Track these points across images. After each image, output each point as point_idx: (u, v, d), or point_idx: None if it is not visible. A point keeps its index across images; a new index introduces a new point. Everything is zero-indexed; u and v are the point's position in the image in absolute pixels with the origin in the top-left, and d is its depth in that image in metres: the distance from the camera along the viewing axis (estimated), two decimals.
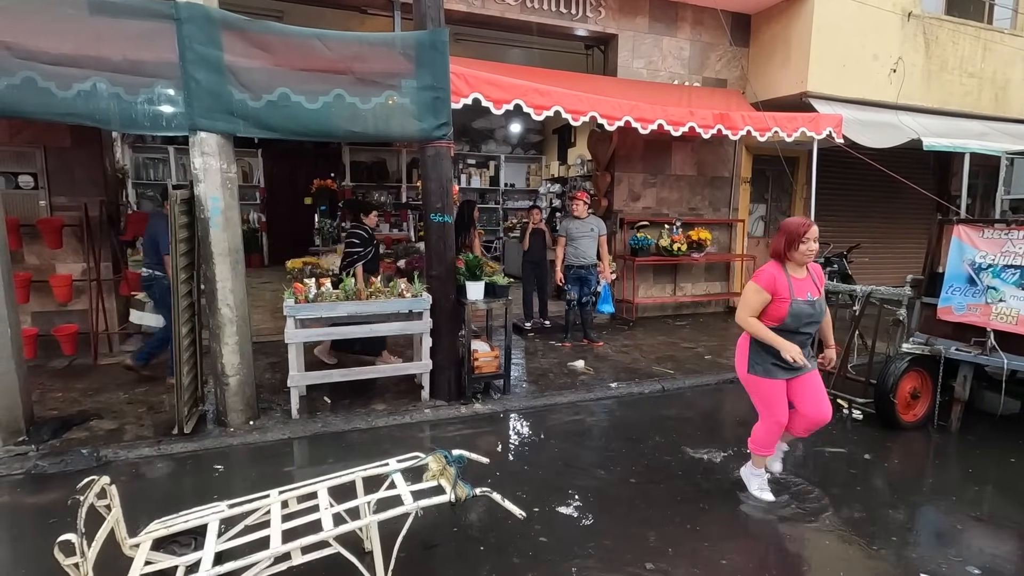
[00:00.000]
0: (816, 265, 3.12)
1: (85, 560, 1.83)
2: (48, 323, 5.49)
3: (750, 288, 3.04)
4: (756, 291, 3.00)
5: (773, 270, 3.00)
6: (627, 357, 6.12)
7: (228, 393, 4.11)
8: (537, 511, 3.11)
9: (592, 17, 7.22)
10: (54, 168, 5.47)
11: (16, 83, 3.36)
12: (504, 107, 5.13)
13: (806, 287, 3.00)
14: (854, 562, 2.76)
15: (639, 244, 7.68)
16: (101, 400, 4.60)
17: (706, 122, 6.13)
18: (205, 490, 3.34)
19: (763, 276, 3.02)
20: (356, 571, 2.19)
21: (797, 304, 2.93)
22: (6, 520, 3.12)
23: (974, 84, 8.54)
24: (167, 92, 3.68)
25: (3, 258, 3.73)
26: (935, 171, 9.86)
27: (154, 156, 10.02)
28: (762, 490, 3.31)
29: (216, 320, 4.02)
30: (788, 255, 2.99)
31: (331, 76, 4.06)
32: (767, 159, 8.62)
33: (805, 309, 2.94)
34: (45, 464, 3.56)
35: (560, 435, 4.26)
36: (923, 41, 8.01)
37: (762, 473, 3.36)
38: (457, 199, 5.51)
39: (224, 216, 3.94)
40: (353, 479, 2.55)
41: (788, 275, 2.98)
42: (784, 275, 2.97)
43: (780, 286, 2.95)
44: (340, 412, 4.46)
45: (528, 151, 12.63)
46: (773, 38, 7.80)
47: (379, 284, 4.62)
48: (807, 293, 2.98)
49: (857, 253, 8.56)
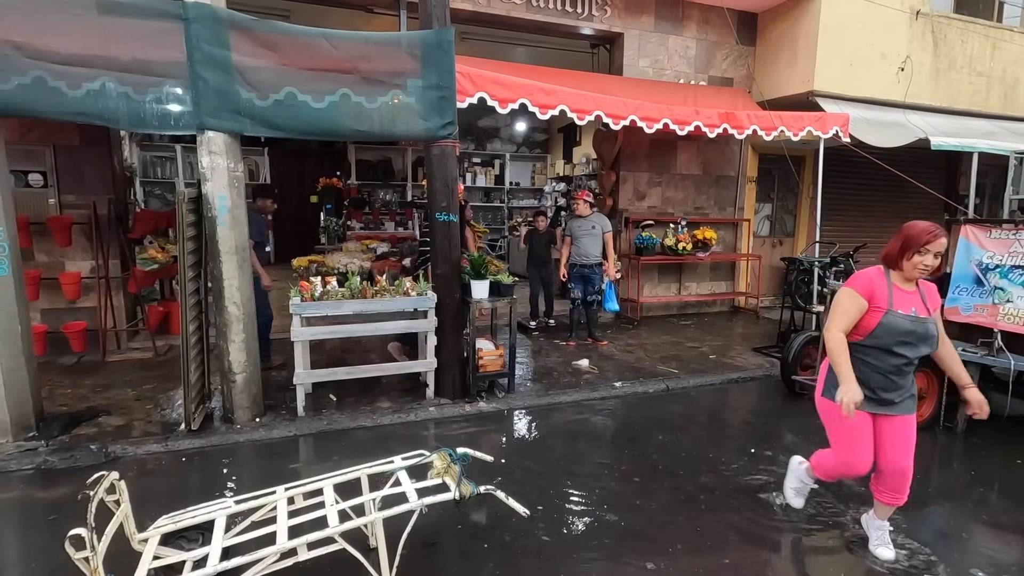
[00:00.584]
0: (930, 284, 2.63)
1: (95, 554, 1.86)
2: (57, 320, 5.55)
3: (844, 294, 2.58)
4: (851, 297, 2.54)
5: (873, 274, 2.58)
6: (631, 356, 6.12)
7: (235, 390, 4.14)
8: (541, 509, 3.13)
9: (598, 16, 7.21)
10: (63, 167, 5.52)
11: (27, 82, 3.40)
12: (509, 106, 5.13)
13: (910, 301, 2.53)
14: (855, 563, 2.76)
15: (644, 243, 7.67)
16: (109, 396, 4.65)
17: (712, 121, 6.11)
18: (212, 486, 3.38)
19: (860, 280, 2.57)
20: (361, 567, 2.21)
21: (893, 316, 2.47)
22: (17, 515, 3.16)
23: (983, 83, 8.48)
24: (175, 91, 3.71)
25: (14, 256, 3.77)
26: (943, 171, 9.79)
27: (162, 155, 10.07)
28: (880, 545, 2.79)
29: (223, 318, 4.05)
30: (900, 264, 2.52)
31: (337, 75, 4.08)
32: (773, 158, 8.59)
33: (903, 324, 2.47)
34: (55, 459, 3.61)
35: (564, 434, 4.27)
36: (931, 39, 7.96)
37: (884, 526, 2.81)
38: (462, 198, 5.52)
39: (231, 214, 3.97)
40: (358, 476, 2.57)
41: (891, 283, 2.54)
42: (885, 282, 2.54)
43: (878, 293, 2.52)
44: (345, 410, 4.49)
45: (533, 150, 12.62)
46: (780, 37, 7.76)
47: (384, 282, 4.64)
48: (910, 308, 2.51)
49: (864, 253, 8.47)
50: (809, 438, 4.23)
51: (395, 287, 4.59)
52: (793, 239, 9.47)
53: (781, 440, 4.25)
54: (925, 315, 2.52)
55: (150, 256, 5.94)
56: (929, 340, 2.52)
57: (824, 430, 2.82)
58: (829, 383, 2.66)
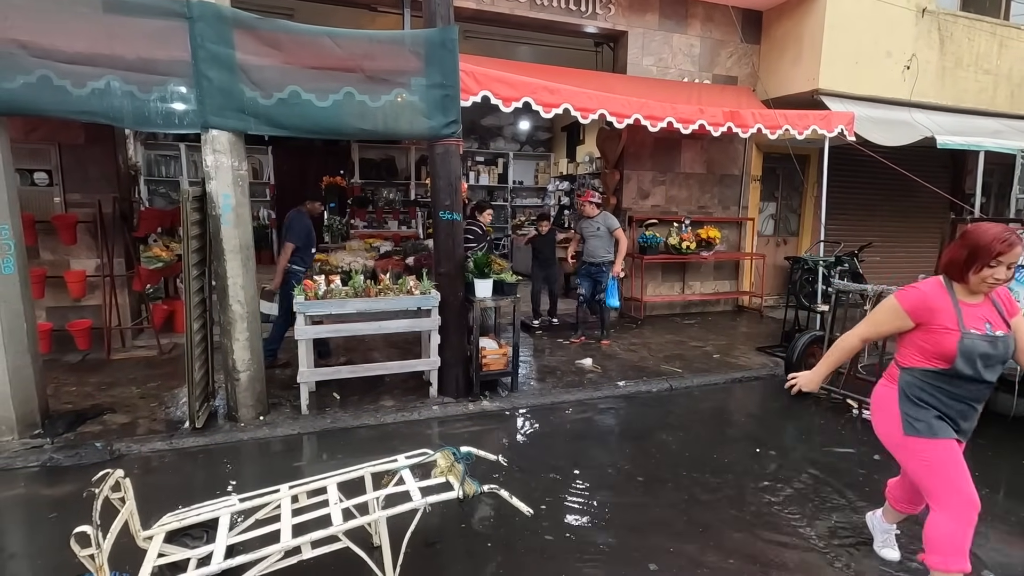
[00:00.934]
0: (1001, 287, 2.19)
1: (100, 551, 1.87)
2: (62, 318, 5.57)
3: (887, 306, 2.27)
4: (894, 313, 2.24)
5: (930, 289, 2.19)
6: (635, 355, 6.11)
7: (239, 388, 4.15)
8: (544, 508, 3.13)
9: (602, 14, 7.19)
10: (68, 165, 5.54)
11: (32, 81, 3.41)
12: (513, 105, 5.12)
13: (982, 314, 2.14)
14: (859, 563, 2.75)
15: (648, 242, 7.66)
16: (114, 394, 4.66)
17: (716, 120, 6.09)
18: (216, 484, 3.39)
19: (910, 296, 2.21)
20: (365, 566, 2.21)
21: (970, 339, 2.09)
22: (23, 512, 3.18)
23: (989, 81, 8.42)
24: (179, 90, 3.72)
25: (19, 254, 3.79)
26: (949, 170, 9.74)
27: (166, 153, 10.09)
28: (886, 547, 2.72)
29: (227, 316, 4.06)
30: (965, 277, 2.13)
31: (341, 74, 4.08)
32: (778, 157, 8.56)
33: (981, 346, 2.09)
34: (60, 457, 3.62)
35: (567, 433, 4.27)
36: (938, 37, 7.91)
37: None
38: (466, 196, 5.53)
39: (235, 213, 3.98)
40: (362, 475, 2.57)
41: (956, 299, 2.16)
42: (949, 299, 2.15)
43: (941, 312, 2.13)
44: (349, 408, 4.49)
45: (537, 148, 12.61)
46: (785, 35, 7.73)
47: (388, 281, 4.65)
48: (984, 324, 2.12)
49: (869, 252, 8.46)
50: (812, 438, 4.23)
51: (399, 286, 4.59)
52: (797, 238, 9.44)
53: (785, 440, 4.24)
54: (1003, 330, 2.13)
55: (154, 254, 5.95)
56: (1006, 356, 2.15)
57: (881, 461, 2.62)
58: (909, 416, 2.24)
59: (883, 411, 2.34)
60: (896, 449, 2.33)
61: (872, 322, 2.33)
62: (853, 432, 4.33)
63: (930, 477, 2.21)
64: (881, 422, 2.37)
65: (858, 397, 4.60)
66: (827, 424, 4.48)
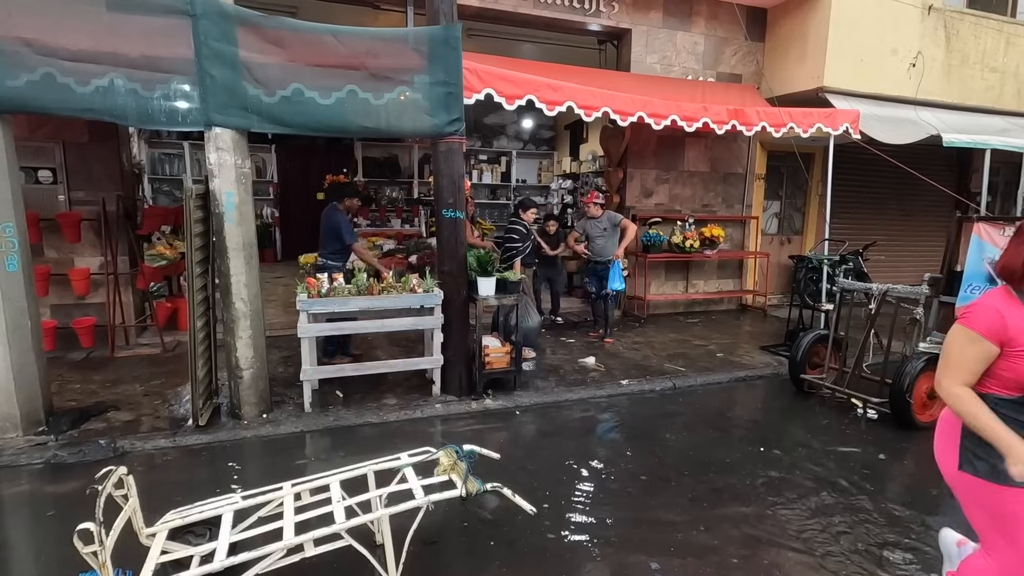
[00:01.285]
0: None
1: (103, 548, 1.87)
2: (66, 316, 5.58)
3: (960, 337, 1.85)
4: (972, 341, 1.81)
5: (1000, 304, 1.82)
6: (638, 354, 6.10)
7: (242, 386, 4.15)
8: (547, 507, 3.12)
9: (605, 12, 7.16)
10: (72, 163, 5.55)
11: (36, 79, 3.42)
12: (516, 102, 5.11)
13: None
14: (864, 563, 2.73)
15: (651, 241, 7.64)
16: (118, 392, 4.68)
17: (720, 118, 6.07)
18: (219, 481, 3.39)
19: (983, 317, 1.81)
20: (367, 564, 2.21)
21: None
22: (27, 508, 3.18)
23: (996, 79, 8.36)
24: (183, 88, 3.72)
25: (23, 251, 3.80)
26: (955, 168, 9.68)
27: (169, 151, 10.12)
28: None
29: (230, 314, 4.06)
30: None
31: (344, 72, 4.07)
32: (782, 155, 8.52)
33: None
34: (64, 454, 3.63)
35: (570, 431, 4.26)
36: (943, 35, 7.86)
37: None
38: (469, 195, 5.52)
39: (238, 211, 3.98)
40: (365, 473, 2.57)
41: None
42: (1022, 310, 1.80)
43: (1018, 329, 1.76)
44: (352, 406, 4.49)
45: (540, 147, 12.58)
46: (790, 32, 7.69)
47: (391, 279, 4.64)
48: None
49: (873, 251, 8.43)
50: (817, 438, 4.20)
51: (402, 284, 4.59)
52: (802, 237, 9.40)
53: (789, 439, 4.22)
54: None
55: (158, 252, 5.96)
56: None
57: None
58: (970, 451, 1.86)
59: (944, 437, 1.98)
60: (951, 483, 1.98)
61: (958, 364, 1.85)
62: (857, 431, 4.31)
63: (991, 526, 1.88)
64: (940, 449, 2.00)
65: (863, 396, 4.58)
66: (831, 423, 4.46)
